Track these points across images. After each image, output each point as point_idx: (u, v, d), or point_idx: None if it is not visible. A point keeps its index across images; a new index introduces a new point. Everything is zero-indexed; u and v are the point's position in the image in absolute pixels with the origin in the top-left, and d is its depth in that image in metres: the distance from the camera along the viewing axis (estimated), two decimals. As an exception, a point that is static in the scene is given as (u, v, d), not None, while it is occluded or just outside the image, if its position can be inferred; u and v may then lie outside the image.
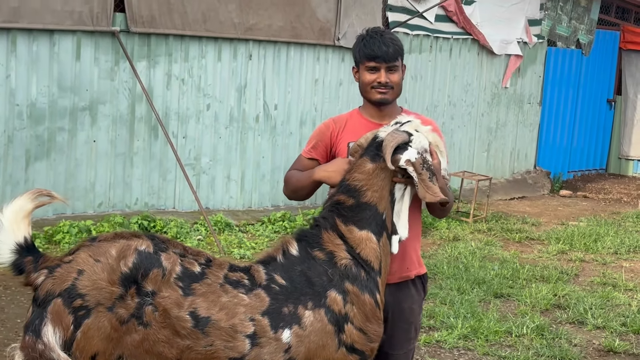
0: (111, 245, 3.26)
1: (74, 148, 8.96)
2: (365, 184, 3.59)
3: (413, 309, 3.97)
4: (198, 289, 3.27)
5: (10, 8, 8.31)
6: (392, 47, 3.79)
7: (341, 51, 11.34)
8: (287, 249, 3.53)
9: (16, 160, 8.57)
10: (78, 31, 8.82)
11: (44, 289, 3.17)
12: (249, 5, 10.17)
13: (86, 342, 3.13)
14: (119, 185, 9.35)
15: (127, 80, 9.22)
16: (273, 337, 3.32)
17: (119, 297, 3.18)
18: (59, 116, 8.81)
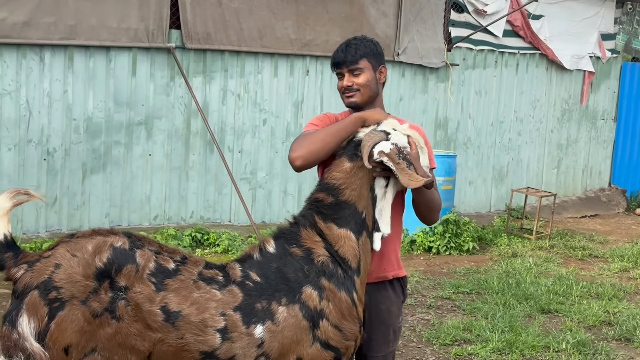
0: (88, 241, 3.34)
1: (130, 161, 9.20)
2: (343, 182, 3.60)
3: (391, 311, 3.94)
4: (170, 284, 3.33)
5: (67, 25, 8.61)
6: (352, 51, 3.81)
7: (401, 66, 11.35)
8: (264, 247, 3.56)
9: (73, 173, 8.85)
10: (134, 47, 9.07)
11: (23, 281, 3.27)
12: (305, 22, 10.29)
13: (59, 334, 3.21)
14: (175, 198, 9.54)
15: (183, 96, 9.42)
16: (245, 332, 3.35)
17: (93, 291, 3.25)
18: (115, 130, 9.06)
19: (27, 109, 8.54)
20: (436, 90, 11.81)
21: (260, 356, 3.39)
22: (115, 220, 9.13)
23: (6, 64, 8.39)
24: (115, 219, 9.13)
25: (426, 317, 7.44)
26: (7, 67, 8.39)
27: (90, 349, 3.26)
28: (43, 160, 8.67)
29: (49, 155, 8.70)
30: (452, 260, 9.83)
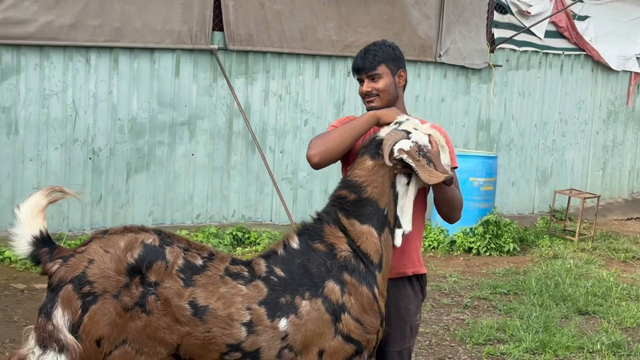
0: (120, 237, 3.48)
1: (173, 161, 9.38)
2: (365, 180, 3.71)
3: (409, 309, 4.03)
4: (198, 280, 3.45)
5: (113, 28, 8.82)
6: (370, 58, 3.94)
7: (443, 68, 11.38)
8: (288, 243, 3.68)
9: (117, 172, 9.05)
10: (177, 49, 9.25)
11: (58, 276, 3.41)
12: (347, 24, 10.38)
13: (92, 326, 3.35)
14: (217, 197, 9.69)
15: (225, 97, 9.58)
16: (269, 325, 3.46)
17: (125, 286, 3.39)
18: (158, 130, 9.25)
19: (74, 109, 8.76)
20: (478, 92, 11.82)
21: (284, 348, 3.51)
22: (158, 218, 9.32)
23: (53, 65, 8.61)
24: (159, 217, 9.32)
25: (461, 317, 7.49)
26: (54, 68, 8.62)
27: (121, 341, 3.39)
28: (88, 159, 8.89)
29: (94, 154, 8.91)
30: (492, 261, 9.85)
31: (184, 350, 3.45)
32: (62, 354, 3.34)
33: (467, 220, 10.32)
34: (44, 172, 8.64)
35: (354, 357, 3.61)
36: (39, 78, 8.57)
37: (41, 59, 8.56)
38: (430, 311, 7.63)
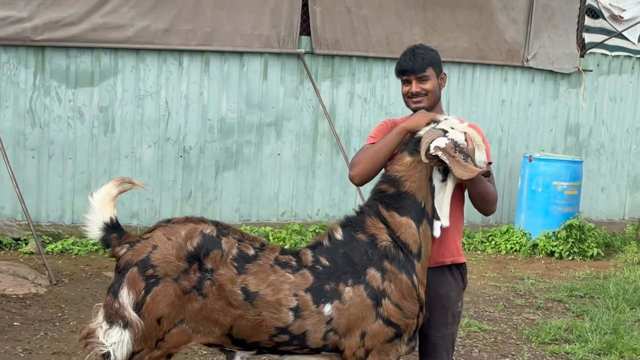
0: (182, 227, 3.82)
1: (260, 160, 9.76)
2: (404, 175, 3.98)
3: (449, 296, 4.27)
4: (250, 268, 3.77)
5: (204, 33, 9.26)
6: (419, 60, 4.20)
7: (531, 72, 11.44)
8: (333, 234, 3.98)
9: (207, 169, 9.49)
10: (266, 53, 9.63)
11: (125, 259, 3.78)
12: (433, 28, 10.58)
13: (154, 306, 3.70)
14: (302, 196, 10.03)
15: (311, 99, 9.91)
16: (315, 310, 3.76)
17: (184, 271, 3.72)
18: (246, 130, 9.65)
19: (166, 109, 9.24)
20: (567, 96, 11.82)
21: (329, 332, 3.81)
22: (245, 215, 9.72)
23: (148, 67, 9.10)
24: (245, 214, 9.72)
25: (531, 317, 7.61)
26: (149, 70, 9.11)
27: (179, 320, 3.73)
28: (179, 157, 9.35)
29: (185, 152, 9.37)
30: (574, 265, 9.89)
31: (236, 331, 3.77)
32: (126, 329, 3.70)
33: (550, 224, 10.40)
34: (137, 168, 9.15)
35: (394, 340, 3.88)
36: (135, 80, 9.08)
37: (137, 61, 9.06)
38: (501, 311, 7.77)
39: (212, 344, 3.85)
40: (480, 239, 10.55)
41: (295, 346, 3.83)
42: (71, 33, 8.67)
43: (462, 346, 6.71)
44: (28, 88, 8.64)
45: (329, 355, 3.93)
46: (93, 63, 8.88)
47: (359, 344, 3.82)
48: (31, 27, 8.47)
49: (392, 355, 3.92)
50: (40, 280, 7.46)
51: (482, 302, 8.06)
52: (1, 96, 8.52)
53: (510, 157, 11.39)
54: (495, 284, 8.76)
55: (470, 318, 7.45)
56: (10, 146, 8.53)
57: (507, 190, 11.42)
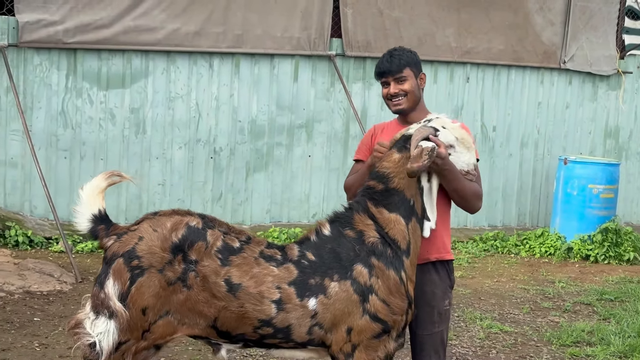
0: (168, 219, 3.87)
1: (291, 162, 9.82)
2: (392, 171, 3.99)
3: (435, 293, 4.24)
4: (234, 260, 3.80)
5: (235, 35, 9.36)
6: (396, 61, 4.24)
7: (568, 74, 11.31)
8: (321, 230, 3.99)
9: (237, 171, 9.57)
10: (296, 55, 9.69)
11: (112, 250, 3.84)
12: (467, 30, 10.53)
13: (138, 296, 3.75)
14: (333, 198, 10.05)
15: (342, 101, 9.93)
16: (299, 304, 3.77)
17: (169, 262, 3.77)
18: (277, 132, 9.71)
19: (197, 111, 9.35)
20: (606, 99, 11.66)
21: (314, 326, 3.81)
22: (275, 216, 9.77)
23: (179, 70, 9.22)
24: (276, 215, 9.77)
25: (556, 320, 7.51)
26: (179, 72, 9.23)
27: (164, 311, 3.78)
28: (210, 158, 9.45)
29: (215, 154, 9.46)
30: (609, 269, 9.73)
31: (220, 323, 3.80)
32: (111, 320, 3.75)
33: (586, 227, 10.25)
34: (168, 169, 9.26)
35: (381, 336, 3.87)
36: (166, 82, 9.20)
37: (168, 64, 9.19)
38: (526, 313, 7.69)
39: (198, 335, 3.88)
40: (515, 242, 10.45)
41: (281, 339, 3.84)
42: (103, 36, 8.83)
43: (480, 347, 6.66)
44: (60, 90, 8.81)
45: (316, 350, 3.94)
46: (124, 65, 9.02)
47: (345, 339, 3.83)
48: (63, 30, 8.65)
49: (380, 351, 3.91)
50: (66, 278, 7.59)
51: (507, 304, 7.98)
52: (34, 98, 8.70)
53: (546, 160, 11.27)
54: (525, 286, 8.67)
55: (493, 320, 7.38)
56: (43, 147, 8.71)
57: (544, 193, 11.29)
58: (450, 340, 6.70)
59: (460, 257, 9.63)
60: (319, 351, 3.95)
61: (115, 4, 8.85)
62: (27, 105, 8.64)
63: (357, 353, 3.84)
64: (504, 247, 10.35)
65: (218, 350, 3.95)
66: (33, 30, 8.53)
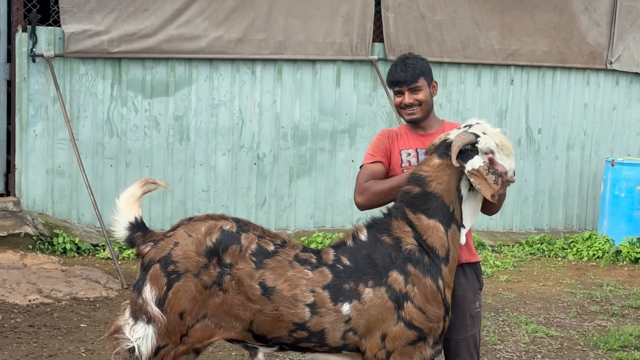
0: (202, 223, 3.91)
1: (334, 167, 9.83)
2: (430, 175, 3.96)
3: (465, 297, 4.22)
4: (268, 263, 3.82)
5: (277, 41, 9.41)
6: (410, 71, 4.20)
7: (615, 75, 11.18)
8: (357, 235, 3.98)
9: (280, 176, 9.61)
10: (338, 60, 9.71)
11: (148, 256, 3.89)
12: (511, 32, 10.46)
13: (175, 301, 3.79)
14: (377, 202, 10.02)
15: (385, 105, 9.93)
16: (332, 308, 3.78)
17: (204, 266, 3.80)
18: (320, 138, 9.74)
19: (240, 117, 9.41)
20: (655, 99, 11.49)
21: (349, 331, 3.82)
22: (319, 221, 9.80)
23: (222, 77, 9.30)
24: (320, 220, 9.80)
25: (603, 324, 7.42)
26: (222, 80, 9.31)
27: (201, 315, 3.81)
28: (254, 164, 9.50)
29: (259, 160, 9.52)
30: (660, 273, 9.58)
31: (256, 326, 3.83)
32: (150, 325, 3.81)
33: (635, 230, 10.11)
34: (212, 176, 9.34)
35: (416, 343, 3.86)
36: (209, 89, 9.28)
37: (211, 71, 9.27)
38: (573, 317, 7.60)
39: (234, 339, 3.91)
40: (562, 245, 10.34)
41: (315, 343, 3.86)
42: (147, 45, 8.94)
43: (525, 352, 6.60)
44: (106, 99, 8.94)
45: (351, 355, 3.94)
46: (168, 73, 9.12)
47: (380, 346, 3.82)
48: (108, 40, 8.77)
49: (415, 358, 3.89)
50: (112, 284, 7.69)
51: (554, 308, 7.90)
52: (80, 107, 8.83)
53: (594, 162, 11.13)
54: (572, 290, 8.56)
55: (538, 324, 7.31)
56: (89, 155, 8.83)
57: (591, 196, 11.16)
58: (494, 344, 6.66)
59: (506, 261, 9.55)
60: (354, 356, 3.95)
61: (159, 14, 8.95)
62: (73, 114, 8.77)
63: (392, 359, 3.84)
64: (550, 250, 10.24)
65: (255, 354, 3.97)
66: (79, 40, 8.66)
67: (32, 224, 8.51)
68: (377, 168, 4.33)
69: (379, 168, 4.32)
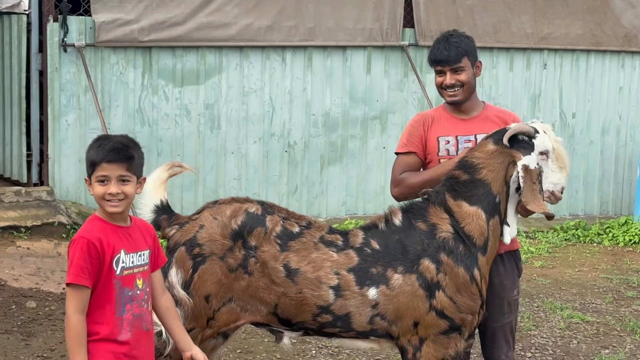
0: (228, 206, 3.89)
1: (365, 154, 9.78)
2: (482, 162, 3.85)
3: (504, 285, 4.13)
4: (293, 245, 3.79)
5: (306, 28, 9.37)
6: (454, 51, 4.06)
7: (650, 58, 11.02)
8: (391, 218, 3.90)
9: (312, 164, 9.59)
10: (369, 46, 9.65)
11: (174, 239, 3.88)
12: (543, 16, 10.33)
13: (201, 284, 3.78)
14: (409, 189, 9.97)
15: (416, 91, 9.85)
16: (358, 292, 3.73)
17: (229, 249, 3.78)
18: (351, 124, 9.69)
19: (271, 105, 9.39)
20: (692, 81, 11.30)
21: (376, 316, 3.76)
22: (351, 209, 9.76)
23: (252, 64, 9.28)
24: (352, 207, 9.76)
25: (640, 309, 7.32)
26: (252, 67, 9.29)
27: (227, 298, 3.79)
28: (284, 152, 9.48)
29: (290, 147, 9.49)
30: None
31: (281, 310, 3.80)
32: (177, 308, 3.79)
33: (673, 215, 9.97)
34: (243, 164, 9.33)
35: (450, 333, 3.78)
36: (239, 77, 9.27)
37: (241, 59, 9.25)
38: (609, 303, 7.49)
39: (260, 323, 3.88)
40: (597, 231, 10.20)
41: (341, 328, 3.80)
42: (177, 33, 8.94)
43: (560, 337, 6.52)
44: (137, 88, 8.96)
45: (377, 341, 3.88)
46: (198, 62, 9.12)
47: (413, 332, 3.76)
48: (138, 29, 8.78)
49: (450, 349, 3.82)
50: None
51: (589, 294, 7.80)
52: (112, 96, 8.86)
53: (629, 147, 10.97)
54: (608, 276, 8.45)
55: (574, 310, 7.21)
56: (121, 144, 8.84)
57: (627, 180, 11.00)
58: (529, 330, 6.59)
59: (541, 247, 9.44)
60: (381, 342, 3.89)
61: (189, 1, 8.94)
62: (105, 104, 8.80)
63: (425, 347, 3.78)
64: (585, 236, 10.11)
65: (280, 338, 3.95)
66: (109, 29, 8.68)
67: (65, 213, 8.56)
68: (411, 160, 4.23)
69: (413, 160, 4.23)
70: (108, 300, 3.18)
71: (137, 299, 3.26)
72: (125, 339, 3.21)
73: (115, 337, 3.19)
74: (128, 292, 3.22)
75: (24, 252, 7.80)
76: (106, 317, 3.18)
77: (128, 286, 3.23)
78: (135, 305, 3.25)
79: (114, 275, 3.19)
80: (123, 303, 3.21)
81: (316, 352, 5.99)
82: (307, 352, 5.98)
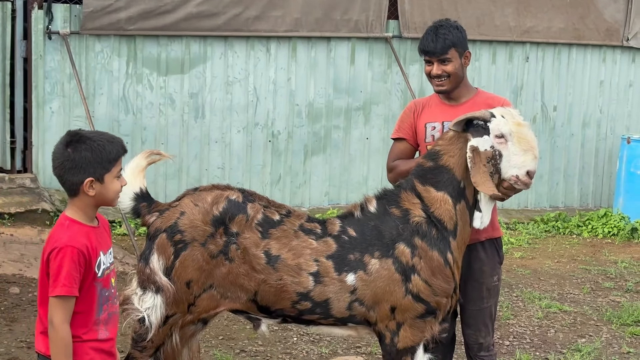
0: (208, 193, 3.96)
1: (348, 144, 9.85)
2: (443, 148, 3.98)
3: (483, 270, 4.25)
4: (274, 233, 3.87)
5: (292, 19, 9.40)
6: (440, 43, 4.14)
7: (631, 52, 11.12)
8: (366, 206, 4.01)
9: (295, 154, 9.65)
10: (353, 38, 9.70)
11: (154, 226, 3.93)
12: (527, 9, 10.40)
13: (182, 270, 3.85)
14: (391, 180, 10.05)
15: (400, 82, 9.92)
16: (336, 278, 3.82)
17: (210, 235, 3.85)
18: (334, 115, 9.75)
19: (255, 95, 9.44)
20: (672, 76, 11.41)
21: (354, 302, 3.85)
22: (334, 199, 9.83)
23: (237, 54, 9.32)
24: (334, 197, 9.83)
25: (617, 300, 7.42)
26: (237, 57, 9.33)
27: (208, 285, 3.86)
28: (268, 142, 9.54)
29: (273, 137, 9.55)
30: (676, 251, 9.55)
31: (260, 297, 3.87)
32: (158, 294, 3.86)
33: (651, 208, 10.08)
34: (227, 153, 9.38)
35: (425, 317, 3.88)
36: (224, 66, 9.31)
37: (226, 48, 9.29)
38: (587, 293, 7.61)
39: (239, 310, 3.96)
40: (577, 222, 10.30)
41: (320, 315, 3.89)
42: (163, 22, 8.94)
43: (538, 326, 6.62)
44: (121, 76, 8.98)
45: (355, 328, 3.97)
46: (183, 51, 9.15)
47: (390, 317, 3.85)
48: (125, 17, 8.78)
49: (426, 332, 3.92)
50: (128, 259, 7.77)
51: (568, 284, 7.91)
52: (96, 84, 8.88)
53: (609, 140, 11.08)
54: (586, 267, 8.56)
55: (552, 300, 7.32)
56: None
57: (607, 173, 11.12)
58: (507, 319, 6.69)
59: (521, 238, 9.54)
60: (358, 329, 3.98)
61: (180, -10, 8.95)
62: (89, 92, 8.82)
63: (402, 332, 3.87)
64: (565, 227, 10.22)
65: (258, 326, 4.02)
66: (95, 17, 8.67)
67: (49, 200, 8.59)
68: (402, 146, 4.36)
69: (404, 146, 4.35)
70: (90, 304, 3.19)
71: (112, 297, 3.29)
72: (104, 337, 3.24)
73: (95, 337, 3.21)
74: (105, 293, 3.23)
75: (8, 238, 7.83)
76: (88, 320, 3.19)
77: (106, 287, 3.24)
78: (110, 304, 3.28)
79: (96, 279, 3.19)
80: (101, 304, 3.22)
81: (297, 339, 6.07)
82: (289, 339, 6.05)
